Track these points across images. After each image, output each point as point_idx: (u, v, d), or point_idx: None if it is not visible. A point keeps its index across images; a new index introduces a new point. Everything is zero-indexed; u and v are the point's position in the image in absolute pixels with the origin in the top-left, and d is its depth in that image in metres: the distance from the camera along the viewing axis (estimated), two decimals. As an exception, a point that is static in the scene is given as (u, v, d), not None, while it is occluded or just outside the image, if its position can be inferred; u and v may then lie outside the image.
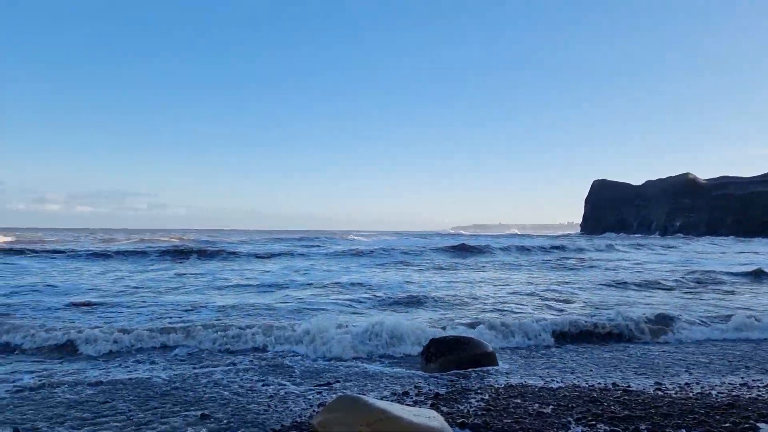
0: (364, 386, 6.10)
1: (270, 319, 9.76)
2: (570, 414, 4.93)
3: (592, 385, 6.07)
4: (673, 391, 5.81)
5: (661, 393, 5.72)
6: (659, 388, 5.94)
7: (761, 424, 4.52)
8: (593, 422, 4.68)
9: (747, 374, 6.71)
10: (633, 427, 4.53)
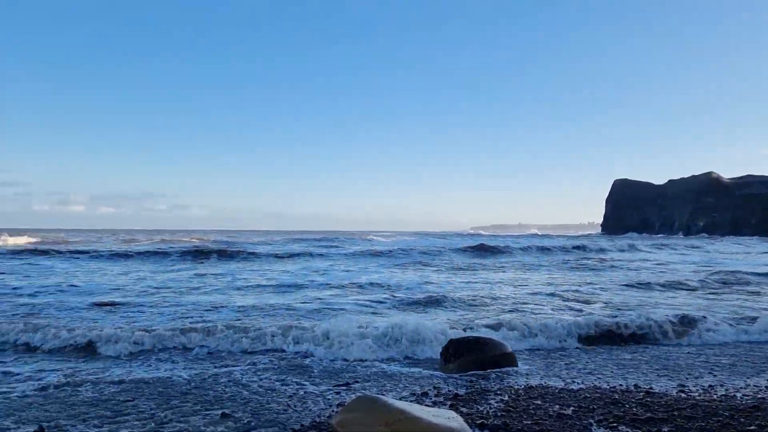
0: (383, 386, 6.11)
1: (290, 320, 9.81)
2: (591, 416, 4.88)
3: (614, 387, 6.00)
4: (697, 394, 5.72)
5: (684, 395, 5.64)
6: (682, 390, 5.85)
7: (788, 428, 4.44)
8: (615, 424, 4.63)
9: (773, 377, 6.59)
10: (655, 430, 4.47)
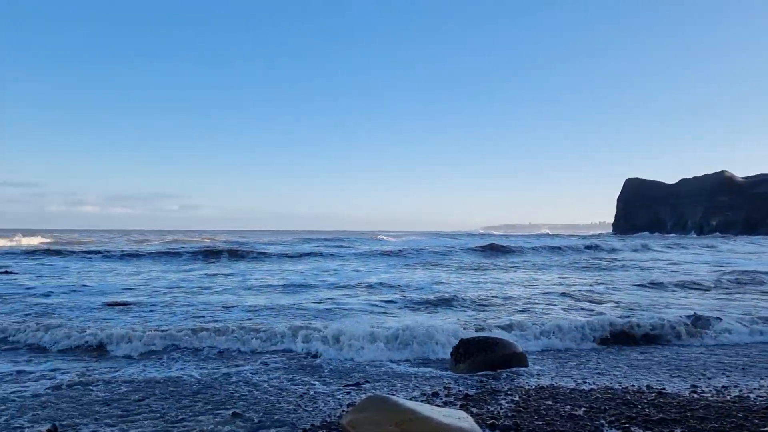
0: (393, 386, 6.10)
1: (300, 320, 9.83)
2: (603, 417, 4.85)
3: (626, 388, 5.96)
4: (710, 394, 5.67)
5: (697, 396, 5.59)
6: (695, 391, 5.80)
7: (803, 429, 4.38)
8: (627, 425, 4.60)
9: (788, 377, 6.52)
10: (668, 431, 4.43)
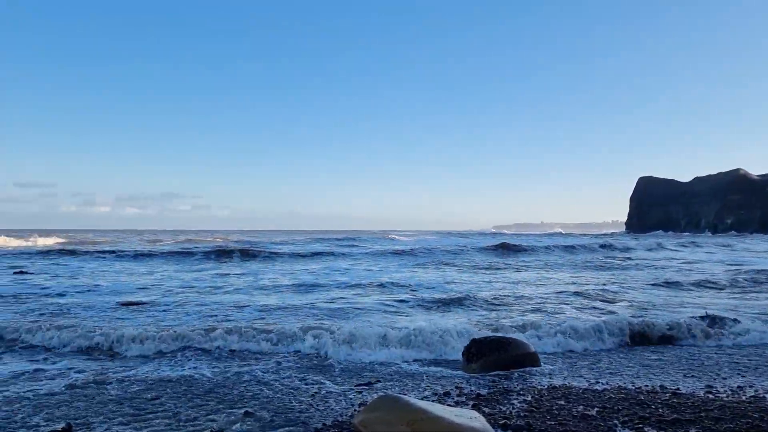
0: (404, 386, 6.10)
1: (312, 319, 9.86)
2: (616, 417, 4.82)
3: (639, 388, 5.92)
4: (725, 395, 5.61)
5: (711, 396, 5.54)
6: (710, 391, 5.75)
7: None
8: (640, 425, 4.57)
9: (805, 378, 6.44)
10: (682, 431, 4.39)
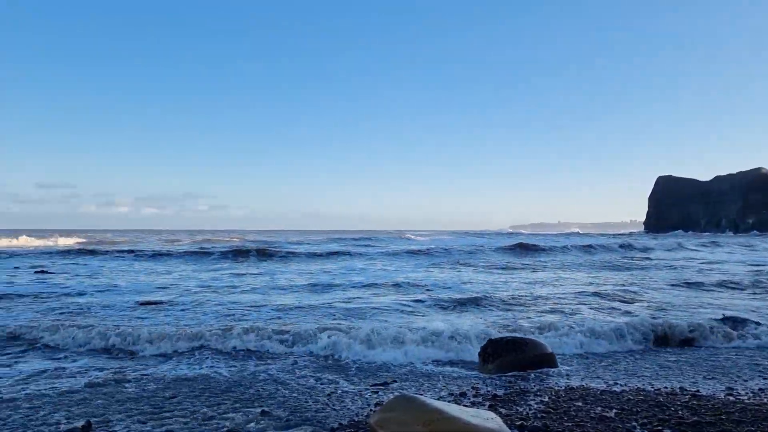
0: (420, 386, 6.09)
1: (328, 319, 9.88)
2: (634, 419, 4.76)
3: (658, 389, 5.84)
4: (746, 397, 5.52)
5: (732, 398, 5.45)
6: (731, 394, 5.66)
7: None
8: (659, 427, 4.51)
9: (829, 380, 6.31)
10: (703, 434, 4.33)
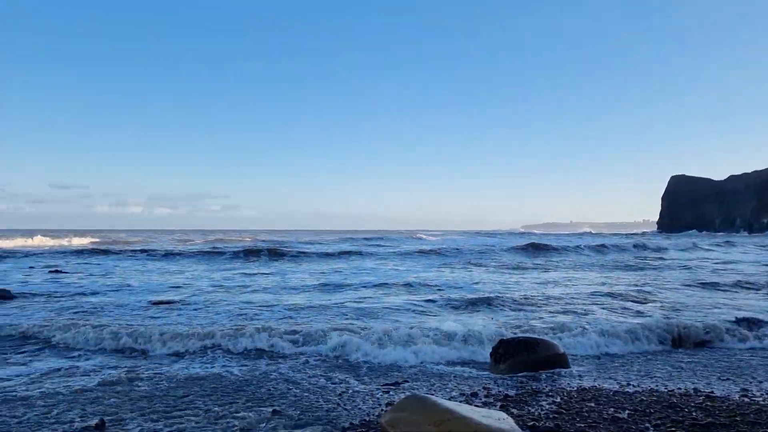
0: (431, 386, 6.08)
1: (340, 318, 9.90)
2: (648, 420, 4.72)
3: (672, 390, 5.80)
4: (761, 398, 5.46)
5: (747, 400, 5.40)
6: (745, 395, 5.60)
7: None
8: (673, 429, 4.47)
9: None
10: (717, 436, 4.29)
